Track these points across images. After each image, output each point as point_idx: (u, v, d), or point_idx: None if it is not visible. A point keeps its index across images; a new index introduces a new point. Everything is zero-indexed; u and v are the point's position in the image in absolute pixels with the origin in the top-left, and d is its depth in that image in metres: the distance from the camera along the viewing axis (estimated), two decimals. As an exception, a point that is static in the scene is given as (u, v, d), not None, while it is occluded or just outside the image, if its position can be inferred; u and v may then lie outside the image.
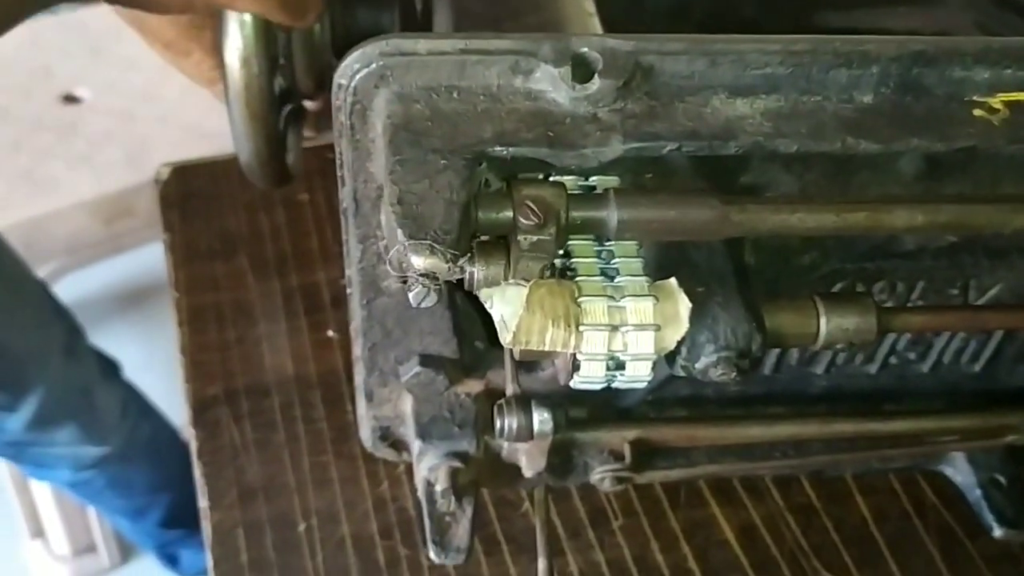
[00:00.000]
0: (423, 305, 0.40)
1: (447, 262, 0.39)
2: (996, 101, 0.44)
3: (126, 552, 1.56)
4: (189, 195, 0.78)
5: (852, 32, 0.61)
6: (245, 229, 0.76)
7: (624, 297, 0.43)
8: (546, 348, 0.42)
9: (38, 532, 1.52)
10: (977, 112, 0.44)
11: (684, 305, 0.43)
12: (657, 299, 0.43)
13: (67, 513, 1.48)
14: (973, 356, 0.59)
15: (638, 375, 0.45)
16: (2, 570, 1.54)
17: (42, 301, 1.11)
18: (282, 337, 0.70)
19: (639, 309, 0.43)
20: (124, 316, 1.44)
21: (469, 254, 0.41)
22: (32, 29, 1.41)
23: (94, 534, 1.52)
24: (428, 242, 0.39)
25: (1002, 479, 0.60)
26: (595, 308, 0.43)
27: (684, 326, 0.43)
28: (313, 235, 0.74)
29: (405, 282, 0.40)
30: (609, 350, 0.44)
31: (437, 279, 0.39)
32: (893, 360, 0.59)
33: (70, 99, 1.36)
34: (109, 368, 1.20)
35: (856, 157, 0.49)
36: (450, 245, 0.39)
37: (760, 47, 0.44)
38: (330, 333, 0.66)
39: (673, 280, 0.43)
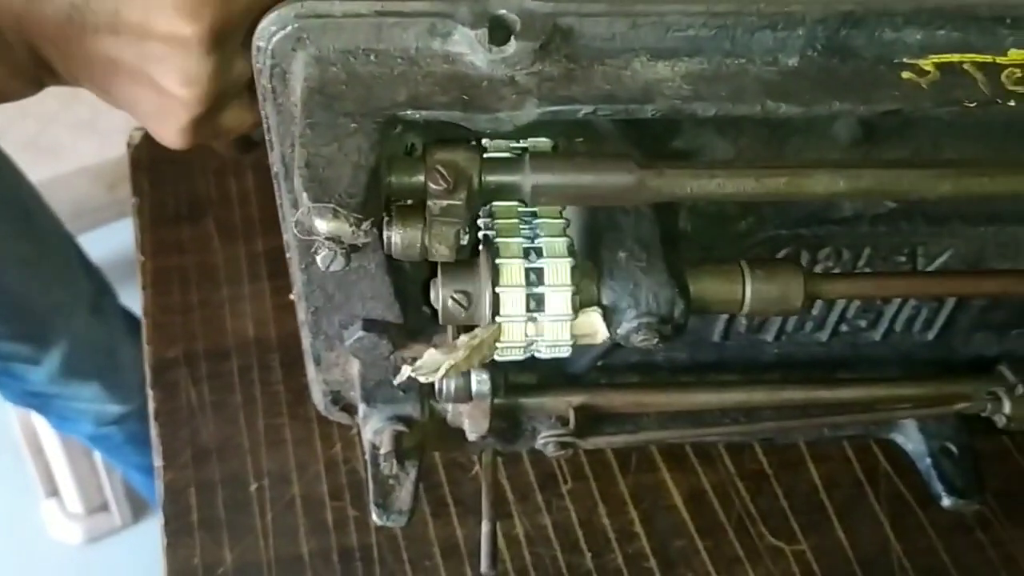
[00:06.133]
0: (331, 269, 0.41)
1: (351, 226, 0.39)
2: (927, 63, 0.43)
3: (138, 511, 1.59)
4: (160, 160, 0.79)
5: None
6: (214, 193, 0.76)
7: (542, 258, 0.44)
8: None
9: (52, 491, 1.56)
10: (906, 74, 0.43)
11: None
12: (575, 262, 0.44)
13: (80, 473, 1.51)
14: (926, 324, 0.58)
15: (558, 339, 0.45)
16: (18, 528, 1.58)
17: (69, 257, 1.12)
18: (244, 301, 0.70)
19: (556, 269, 0.44)
20: (129, 280, 1.46)
21: (378, 218, 0.41)
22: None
23: (107, 493, 1.55)
24: (332, 206, 0.39)
25: (953, 448, 0.60)
26: (511, 270, 0.44)
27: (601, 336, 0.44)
28: (280, 200, 0.75)
29: (311, 246, 0.40)
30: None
31: (343, 243, 0.40)
32: (844, 328, 0.59)
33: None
34: (136, 329, 1.21)
35: (791, 121, 0.48)
36: (354, 209, 0.39)
37: (683, 8, 0.43)
38: (291, 296, 0.66)
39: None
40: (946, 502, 0.59)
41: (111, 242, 1.50)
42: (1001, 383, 0.57)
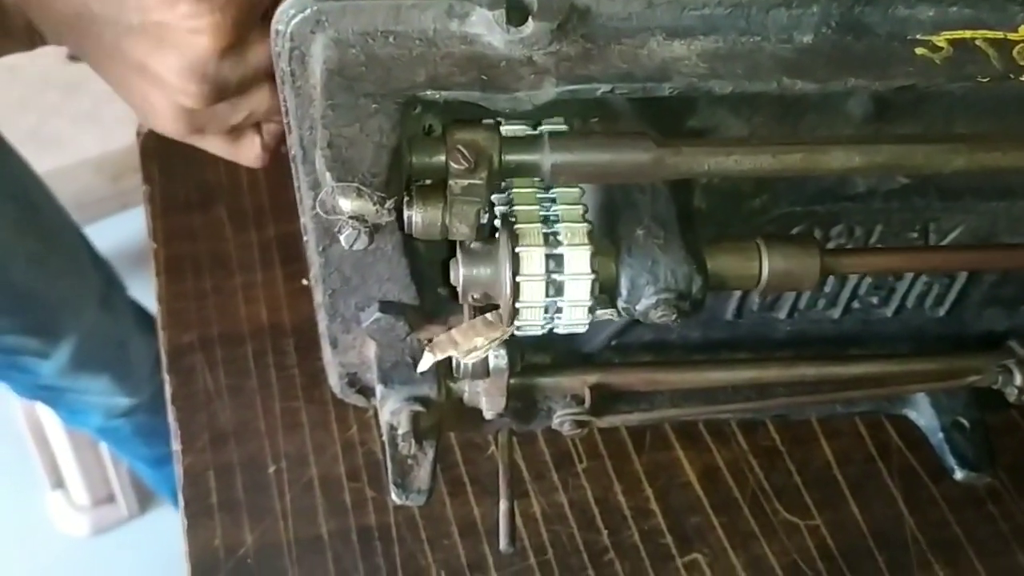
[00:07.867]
0: (355, 248, 0.41)
1: (375, 204, 0.39)
2: (940, 39, 0.44)
3: (145, 502, 1.59)
4: (170, 148, 0.79)
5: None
6: (224, 180, 0.77)
7: (561, 245, 0.44)
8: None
9: (58, 483, 1.56)
10: (919, 51, 0.43)
11: None
12: (593, 249, 0.44)
13: (86, 464, 1.52)
14: (937, 300, 0.59)
15: (575, 320, 0.46)
16: (25, 519, 1.58)
17: (78, 251, 1.11)
18: (257, 287, 0.71)
19: (575, 258, 0.44)
20: (133, 272, 1.47)
21: (401, 197, 0.41)
22: (36, -14, 1.41)
23: (113, 485, 1.55)
24: (355, 185, 0.39)
25: (965, 422, 0.60)
26: (531, 257, 0.44)
27: None
28: (291, 186, 0.75)
29: (335, 226, 0.40)
30: (545, 297, 0.44)
31: (367, 222, 0.40)
32: (856, 305, 0.59)
33: (75, 57, 1.36)
34: (145, 322, 1.22)
35: (804, 98, 0.48)
36: (377, 188, 0.39)
37: (698, -13, 0.43)
38: (304, 282, 0.67)
39: None
40: (958, 475, 0.59)
41: (115, 234, 1.50)
42: (1011, 357, 0.58)
